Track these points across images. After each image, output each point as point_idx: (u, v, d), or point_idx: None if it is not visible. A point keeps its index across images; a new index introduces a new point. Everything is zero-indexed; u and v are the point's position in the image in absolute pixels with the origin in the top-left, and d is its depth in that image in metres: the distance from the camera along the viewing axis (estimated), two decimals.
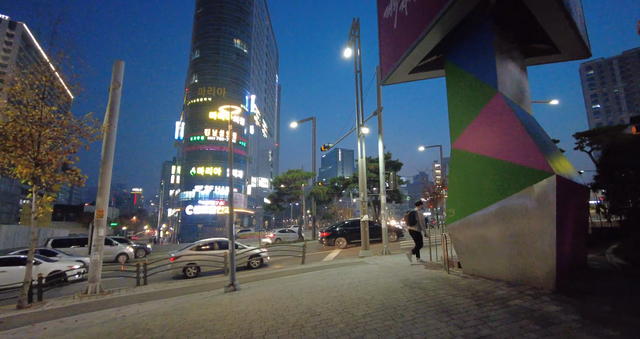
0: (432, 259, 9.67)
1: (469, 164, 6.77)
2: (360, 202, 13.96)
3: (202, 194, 76.23)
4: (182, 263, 12.66)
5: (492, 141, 6.13)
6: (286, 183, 23.04)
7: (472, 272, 6.85)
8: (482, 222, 6.33)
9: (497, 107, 6.12)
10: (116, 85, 12.23)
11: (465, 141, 6.94)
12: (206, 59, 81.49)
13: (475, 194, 6.51)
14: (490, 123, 6.23)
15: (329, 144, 20.55)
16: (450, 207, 7.42)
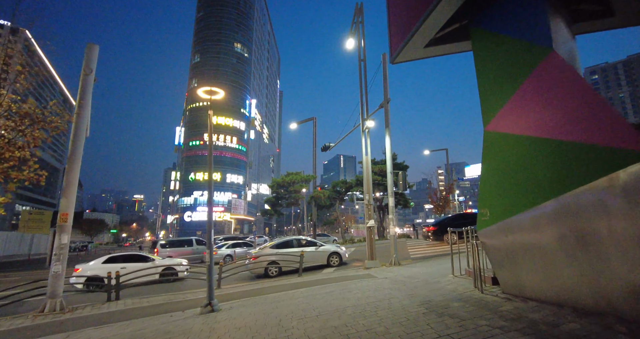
0: (455, 272, 8.02)
1: (510, 150, 5.20)
2: (365, 205, 12.36)
3: (201, 200, 74.66)
4: (264, 262, 12.44)
5: (547, 116, 4.55)
6: (284, 187, 21.45)
7: (516, 291, 5.23)
8: (531, 226, 4.75)
9: (553, 69, 4.55)
10: (88, 71, 10.76)
11: (504, 121, 5.38)
12: (206, 63, 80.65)
13: (521, 190, 4.94)
14: (544, 91, 4.65)
15: (329, 144, 19.04)
16: (483, 207, 5.83)
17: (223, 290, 10.13)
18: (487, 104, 5.84)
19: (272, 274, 12.37)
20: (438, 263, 10.93)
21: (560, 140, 4.30)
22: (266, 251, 12.90)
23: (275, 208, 23.42)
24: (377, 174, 23.90)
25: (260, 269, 12.24)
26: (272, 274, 12.36)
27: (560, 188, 4.28)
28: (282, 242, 13.48)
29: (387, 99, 12.72)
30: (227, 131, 77.55)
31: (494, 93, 5.70)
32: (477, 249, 6.09)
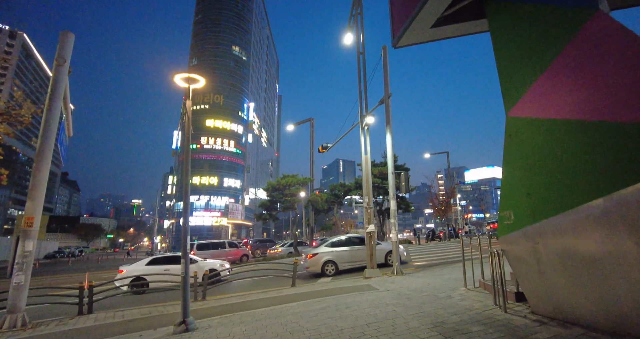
0: (467, 284, 7.03)
1: (543, 139, 4.26)
2: (365, 209, 11.40)
3: (198, 204, 73.51)
4: (320, 260, 12.37)
5: (596, 93, 3.61)
6: (280, 190, 20.46)
7: (550, 311, 4.27)
8: (573, 231, 3.80)
9: (602, 33, 3.61)
10: (61, 61, 9.83)
11: (533, 103, 4.44)
12: (204, 65, 79.98)
13: (557, 186, 4.00)
14: (590, 62, 3.72)
15: (327, 145, 18.11)
16: (506, 209, 4.89)
17: (208, 302, 9.13)
18: (510, 86, 4.92)
19: (329, 273, 12.31)
20: (445, 272, 9.96)
21: (616, 122, 3.37)
22: (322, 249, 12.74)
23: (270, 212, 22.40)
24: (377, 176, 22.93)
25: (317, 267, 12.20)
26: (329, 273, 12.30)
27: (614, 183, 3.34)
28: (338, 241, 13.21)
29: (387, 94, 11.83)
30: (224, 134, 76.68)
31: (519, 72, 4.78)
32: (498, 260, 5.13)
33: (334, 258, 12.54)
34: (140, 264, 12.43)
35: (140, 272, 11.83)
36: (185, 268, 6.61)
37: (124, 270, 12.02)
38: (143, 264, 12.39)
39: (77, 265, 36.10)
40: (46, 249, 59.82)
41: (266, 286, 11.14)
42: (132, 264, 12.56)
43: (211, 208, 74.10)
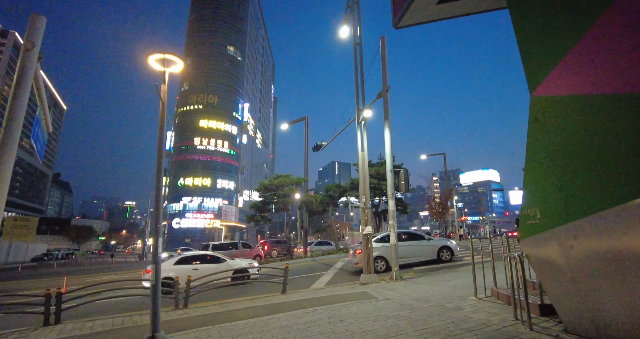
0: (478, 292, 6.26)
1: (580, 119, 3.51)
2: (361, 209, 10.63)
3: (190, 206, 72.27)
4: None
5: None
6: (272, 190, 19.62)
7: (589, 331, 3.51)
8: (621, 230, 3.05)
9: None
10: (29, 46, 8.89)
11: (566, 78, 3.69)
12: (198, 65, 79.01)
13: (601, 177, 3.24)
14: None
15: (322, 143, 17.34)
16: (531, 206, 4.15)
17: (188, 311, 8.27)
18: (536, 60, 4.18)
19: (379, 269, 12.10)
20: (448, 278, 9.19)
21: None
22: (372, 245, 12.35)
23: (262, 214, 21.54)
24: (373, 177, 22.15)
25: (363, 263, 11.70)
26: (379, 269, 12.07)
27: None
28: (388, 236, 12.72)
29: (386, 87, 11.11)
30: (218, 135, 75.61)
31: (547, 43, 4.04)
32: (520, 266, 4.37)
33: (383, 254, 12.28)
34: (168, 264, 12.06)
35: (168, 272, 11.53)
36: (156, 273, 5.78)
37: (151, 270, 11.45)
38: (171, 264, 12.05)
39: (63, 268, 34.84)
40: (34, 252, 58.22)
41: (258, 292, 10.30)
42: (164, 263, 12.10)
43: (204, 210, 72.87)
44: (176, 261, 12.28)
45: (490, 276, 6.41)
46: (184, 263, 12.23)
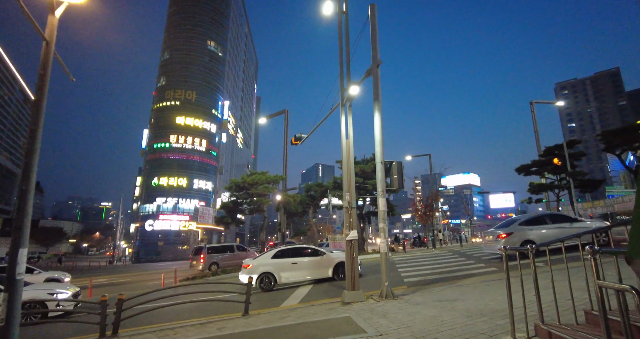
0: (517, 328, 4.32)
1: None
2: (345, 209, 8.65)
3: (165, 207, 68.54)
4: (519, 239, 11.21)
5: None
6: (245, 188, 17.39)
7: None
8: None
9: None
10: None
11: None
12: (176, 60, 75.38)
13: None
14: None
15: (301, 135, 15.32)
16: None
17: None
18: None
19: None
20: (451, 296, 7.28)
21: None
22: (516, 228, 11.53)
23: (233, 215, 19.26)
24: (358, 175, 20.29)
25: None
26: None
27: None
28: (534, 219, 11.85)
29: (376, 62, 9.18)
30: (196, 133, 72.16)
31: None
32: None
33: (535, 238, 11.18)
34: (264, 258, 11.60)
35: (266, 266, 11.16)
36: (11, 295, 3.57)
37: (249, 264, 11.24)
38: (269, 258, 11.56)
39: None
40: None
41: (215, 311, 8.11)
42: (257, 258, 11.74)
43: (179, 211, 69.30)
44: (273, 255, 11.56)
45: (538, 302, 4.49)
46: (282, 257, 11.52)
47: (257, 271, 10.98)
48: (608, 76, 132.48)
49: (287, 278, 11.16)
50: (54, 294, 8.93)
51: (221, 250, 21.56)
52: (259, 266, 11.19)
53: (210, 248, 21.40)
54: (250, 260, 11.72)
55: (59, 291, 9.13)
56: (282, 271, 11.11)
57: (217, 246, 22.89)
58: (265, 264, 11.25)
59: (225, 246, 22.39)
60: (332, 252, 12.23)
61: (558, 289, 3.89)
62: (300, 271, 11.22)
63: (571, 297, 3.71)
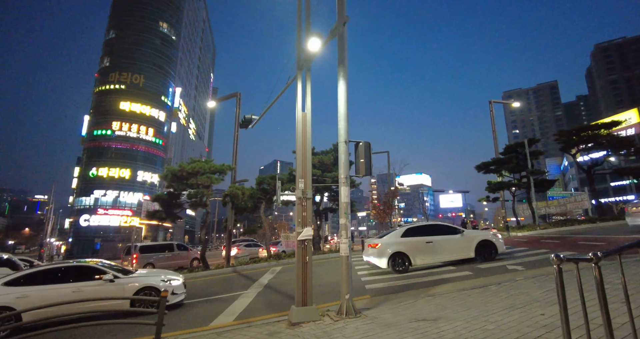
0: None
1: None
2: (298, 200, 6.79)
3: (104, 200, 62.10)
4: None
5: None
6: (184, 179, 14.83)
7: None
8: None
9: None
10: None
11: None
12: (123, 40, 68.43)
13: None
14: None
15: (252, 116, 13.17)
16: None
17: None
18: None
19: None
20: (425, 310, 5.68)
21: None
22: None
23: (169, 209, 16.58)
24: (317, 167, 18.53)
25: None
26: None
27: None
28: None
29: (343, 19, 7.35)
30: (142, 120, 66.03)
31: None
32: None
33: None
34: (394, 236, 10.47)
35: (397, 246, 10.13)
36: None
37: (377, 243, 10.23)
38: (398, 236, 10.45)
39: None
40: None
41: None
42: (385, 237, 10.65)
43: (121, 205, 63.21)
44: (404, 233, 10.45)
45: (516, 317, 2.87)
46: (414, 235, 10.40)
47: (388, 252, 9.93)
48: (548, 88, 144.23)
49: (422, 259, 10.12)
50: (167, 280, 8.36)
51: (158, 249, 19.64)
52: (390, 245, 10.07)
53: (145, 247, 19.46)
54: (376, 239, 10.68)
55: (170, 277, 8.59)
56: (415, 251, 10.04)
57: (153, 244, 20.75)
58: (396, 243, 10.13)
59: (164, 245, 20.51)
60: (472, 230, 11.37)
61: None
62: (437, 251, 10.11)
63: None
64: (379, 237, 11.11)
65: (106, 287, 7.75)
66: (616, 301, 4.61)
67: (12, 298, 7.02)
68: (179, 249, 19.90)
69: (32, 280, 7.46)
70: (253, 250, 25.40)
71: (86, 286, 7.67)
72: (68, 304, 5.76)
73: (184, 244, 20.79)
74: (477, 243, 10.27)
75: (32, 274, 7.61)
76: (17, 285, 7.29)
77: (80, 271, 8.05)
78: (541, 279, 6.96)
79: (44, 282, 7.50)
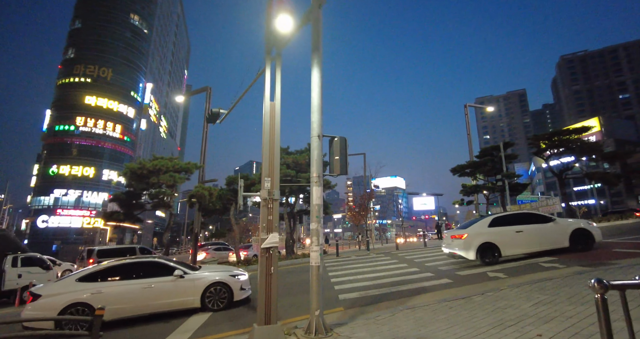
0: None
1: None
2: (263, 202, 5.98)
3: (65, 200, 58.32)
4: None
5: None
6: (145, 177, 13.55)
7: None
8: None
9: None
10: None
11: None
12: (90, 30, 64.81)
13: None
14: None
15: (220, 110, 12.20)
16: None
17: None
18: None
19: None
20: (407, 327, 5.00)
21: None
22: None
23: (129, 210, 15.24)
24: (291, 167, 17.66)
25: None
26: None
27: None
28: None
29: (319, 2, 6.62)
30: (109, 116, 62.64)
31: None
32: None
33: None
34: (481, 226, 9.93)
35: (485, 236, 9.63)
36: None
37: (464, 234, 9.71)
38: (485, 226, 9.92)
39: None
40: None
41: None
42: (470, 227, 10.04)
43: (84, 206, 59.61)
44: (491, 222, 9.94)
45: None
46: (502, 224, 9.87)
47: (476, 243, 9.50)
48: (517, 96, 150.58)
49: (512, 250, 9.66)
50: (236, 276, 8.23)
51: (118, 253, 18.10)
52: (478, 236, 9.63)
53: (103, 251, 17.92)
54: (460, 230, 10.19)
55: (237, 272, 8.44)
56: (505, 241, 9.58)
57: (113, 248, 19.23)
58: (483, 233, 9.69)
59: (125, 249, 19.03)
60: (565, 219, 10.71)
61: None
62: (527, 240, 9.59)
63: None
64: (462, 227, 10.52)
65: (177, 283, 7.54)
66: None
67: (88, 294, 6.87)
68: (141, 253, 18.63)
69: (103, 276, 7.36)
70: (223, 254, 24.22)
71: (157, 282, 7.44)
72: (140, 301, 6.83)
73: (147, 248, 19.58)
74: (571, 232, 9.73)
75: (103, 270, 7.49)
76: (90, 281, 7.15)
77: (150, 266, 7.90)
78: (527, 289, 6.47)
79: (115, 278, 7.39)
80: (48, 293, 6.75)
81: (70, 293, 6.79)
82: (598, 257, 9.01)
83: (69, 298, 6.69)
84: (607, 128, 75.30)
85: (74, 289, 6.89)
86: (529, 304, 5.44)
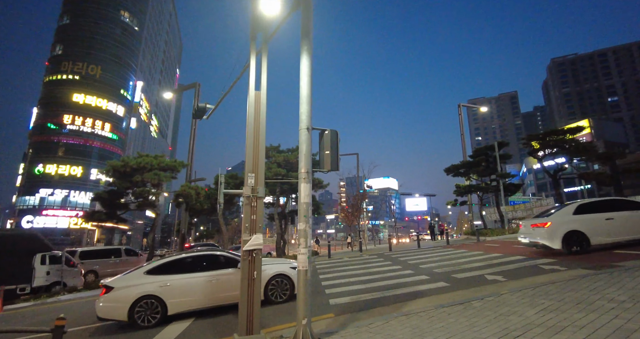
0: None
1: None
2: (246, 200, 5.53)
3: (51, 200, 56.92)
4: None
5: None
6: (128, 175, 12.95)
7: None
8: None
9: None
10: None
11: None
12: (79, 27, 63.47)
13: None
14: None
15: (206, 105, 11.67)
16: None
17: None
18: None
19: None
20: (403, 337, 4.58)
21: None
22: None
23: (112, 210, 14.60)
24: (282, 166, 17.14)
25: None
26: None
27: None
28: None
29: None
30: (97, 114, 61.33)
31: None
32: None
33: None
34: (565, 214, 9.31)
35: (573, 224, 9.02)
36: None
37: (547, 223, 9.17)
38: (569, 214, 9.29)
39: None
40: None
41: None
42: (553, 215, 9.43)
43: (71, 206, 58.24)
44: (576, 209, 9.28)
45: None
46: (589, 211, 9.26)
47: (561, 231, 8.98)
48: (508, 98, 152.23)
49: (604, 239, 8.99)
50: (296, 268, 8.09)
51: (103, 255, 17.94)
52: (563, 224, 9.08)
53: (87, 252, 17.78)
54: (545, 218, 9.63)
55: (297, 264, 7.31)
56: (594, 229, 8.98)
57: (97, 249, 18.84)
58: (569, 221, 9.11)
59: (109, 250, 18.67)
60: None
61: None
62: (619, 228, 8.95)
63: None
64: (545, 216, 9.91)
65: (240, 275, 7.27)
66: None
67: (157, 287, 6.99)
68: (127, 255, 18.36)
69: (170, 269, 7.45)
70: None
71: (222, 274, 7.53)
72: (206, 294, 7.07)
73: (133, 249, 19.12)
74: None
75: (170, 263, 7.62)
76: (158, 274, 7.26)
77: (213, 259, 7.97)
78: (529, 293, 6.08)
79: (181, 271, 7.47)
80: (120, 285, 6.89)
81: (140, 285, 6.93)
82: (598, 259, 8.70)
83: (140, 290, 6.85)
84: (597, 130, 76.19)
85: (144, 281, 7.03)
86: (534, 311, 5.04)
